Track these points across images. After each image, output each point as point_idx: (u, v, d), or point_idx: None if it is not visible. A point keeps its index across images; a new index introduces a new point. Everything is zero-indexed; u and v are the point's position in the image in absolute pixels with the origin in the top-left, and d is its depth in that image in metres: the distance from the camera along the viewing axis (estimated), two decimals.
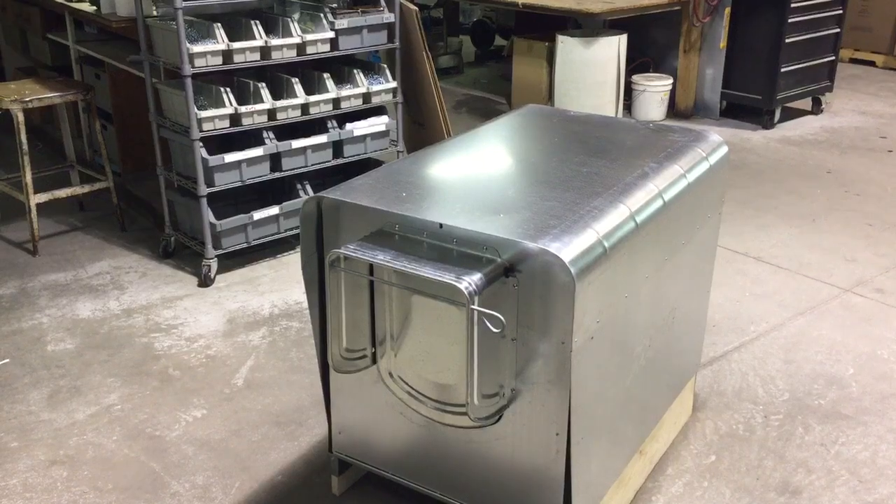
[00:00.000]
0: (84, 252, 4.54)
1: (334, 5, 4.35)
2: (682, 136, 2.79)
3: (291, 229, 4.35)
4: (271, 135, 4.15)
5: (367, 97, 4.47)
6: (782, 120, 6.77)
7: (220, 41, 3.86)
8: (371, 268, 2.25)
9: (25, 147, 4.34)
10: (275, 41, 4.02)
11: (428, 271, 2.03)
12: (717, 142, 2.81)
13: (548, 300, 2.02)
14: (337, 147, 4.44)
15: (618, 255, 2.15)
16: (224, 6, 4.15)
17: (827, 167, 5.82)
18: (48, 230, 4.77)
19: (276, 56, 4.06)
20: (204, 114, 3.87)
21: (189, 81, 3.79)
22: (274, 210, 4.24)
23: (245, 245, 4.23)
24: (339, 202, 2.30)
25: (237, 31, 4.06)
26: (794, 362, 3.50)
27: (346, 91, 4.38)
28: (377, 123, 4.56)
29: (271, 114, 4.10)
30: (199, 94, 3.99)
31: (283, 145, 4.17)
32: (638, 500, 2.72)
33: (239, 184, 4.09)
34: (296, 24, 4.13)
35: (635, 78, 6.75)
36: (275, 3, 4.48)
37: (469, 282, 1.98)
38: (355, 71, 4.45)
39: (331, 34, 4.22)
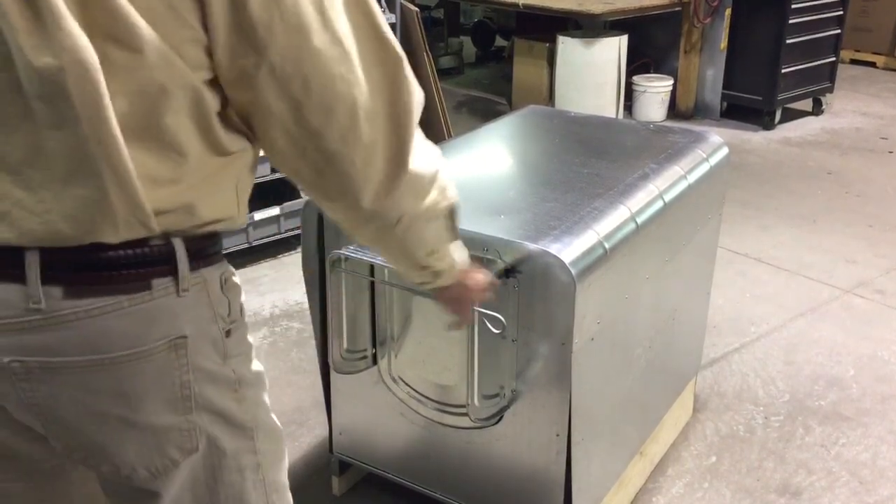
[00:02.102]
0: None
1: None
2: (683, 137, 2.79)
3: (292, 230, 4.34)
4: None
5: None
6: (783, 121, 6.77)
7: None
8: (372, 268, 2.25)
9: None
10: None
11: None
12: (717, 143, 2.81)
13: (548, 301, 2.02)
14: None
15: (618, 257, 2.15)
16: None
17: (827, 168, 5.81)
18: None
19: None
20: None
21: None
22: (275, 210, 4.24)
23: (245, 245, 4.23)
24: None
25: None
26: (794, 363, 3.50)
27: None
28: None
29: None
30: None
31: None
32: (638, 501, 2.72)
33: None
34: None
35: (636, 79, 6.75)
36: None
37: None
38: None
39: None
